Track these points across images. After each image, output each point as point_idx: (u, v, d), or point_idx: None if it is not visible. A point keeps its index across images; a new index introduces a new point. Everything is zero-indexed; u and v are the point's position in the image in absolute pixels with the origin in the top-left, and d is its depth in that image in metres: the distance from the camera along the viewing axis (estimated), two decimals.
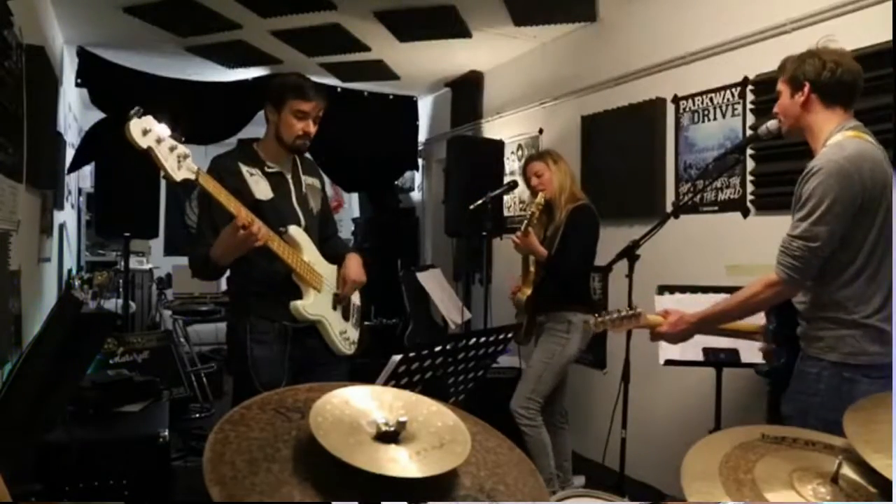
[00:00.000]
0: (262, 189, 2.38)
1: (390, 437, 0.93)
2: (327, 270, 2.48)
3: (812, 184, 1.86)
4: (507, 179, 4.82)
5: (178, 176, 1.97)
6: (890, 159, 1.97)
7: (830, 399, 1.85)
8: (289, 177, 2.49)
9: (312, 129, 2.42)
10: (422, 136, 6.57)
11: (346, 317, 2.54)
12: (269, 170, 2.43)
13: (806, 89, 1.94)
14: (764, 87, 3.05)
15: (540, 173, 3.34)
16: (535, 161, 3.40)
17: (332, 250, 2.60)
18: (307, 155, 2.66)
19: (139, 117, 1.86)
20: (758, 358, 2.61)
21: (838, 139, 1.90)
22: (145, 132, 1.87)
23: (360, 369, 2.46)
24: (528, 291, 3.36)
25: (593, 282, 4.22)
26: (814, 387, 1.90)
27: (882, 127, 2.23)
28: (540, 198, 3.26)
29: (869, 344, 1.86)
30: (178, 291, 6.50)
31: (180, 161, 1.97)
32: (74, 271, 5.76)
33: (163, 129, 1.92)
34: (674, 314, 2.15)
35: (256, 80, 5.48)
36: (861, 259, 1.87)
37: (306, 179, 2.55)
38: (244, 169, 2.38)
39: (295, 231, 2.37)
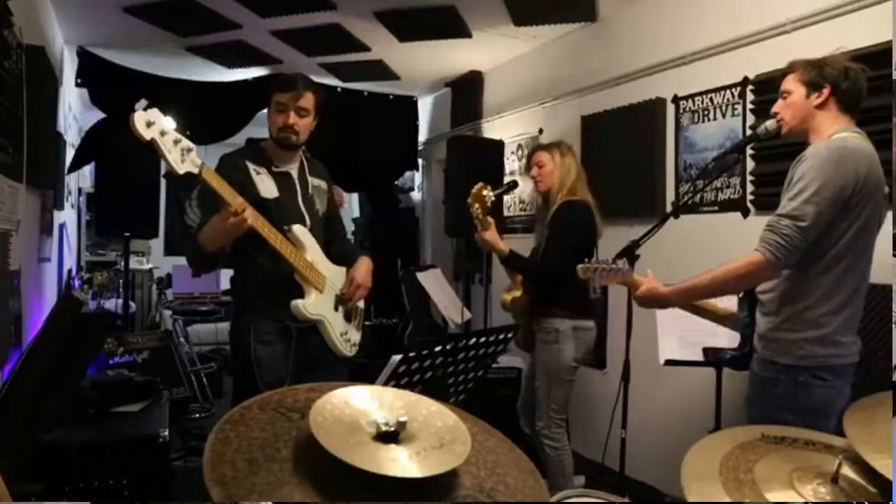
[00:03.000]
0: (267, 187, 2.39)
1: (390, 437, 0.93)
2: (331, 271, 2.47)
3: (805, 166, 1.88)
4: (507, 179, 4.82)
5: (182, 169, 1.97)
6: (890, 159, 1.98)
7: (788, 402, 1.90)
8: (295, 177, 2.50)
9: (294, 120, 2.38)
10: (422, 136, 6.57)
11: (348, 318, 2.54)
12: (276, 169, 2.44)
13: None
14: (764, 87, 3.05)
15: (542, 164, 3.16)
16: (541, 151, 3.21)
17: (341, 253, 2.60)
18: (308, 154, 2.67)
19: (144, 109, 1.87)
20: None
21: (842, 135, 1.93)
22: (149, 124, 1.88)
23: (360, 369, 2.46)
24: (517, 293, 3.21)
25: (586, 261, 4.20)
26: (770, 391, 1.95)
27: (882, 127, 2.23)
28: (477, 188, 2.98)
29: (820, 346, 1.89)
30: (178, 291, 6.50)
31: (184, 154, 1.97)
32: (74, 271, 5.76)
33: (167, 122, 1.93)
34: (650, 281, 2.17)
35: (256, 80, 5.48)
36: (833, 254, 1.89)
37: (313, 181, 2.56)
38: (251, 167, 2.40)
39: (299, 230, 2.37)
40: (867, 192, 1.86)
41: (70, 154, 5.13)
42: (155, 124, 1.89)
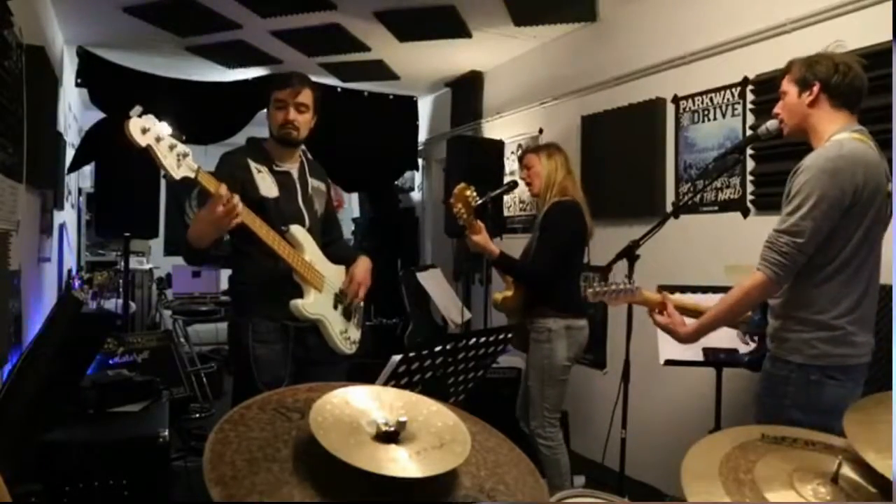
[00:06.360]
0: (267, 186, 2.40)
1: (390, 437, 0.93)
2: (329, 270, 2.48)
3: (802, 179, 1.87)
4: (507, 179, 4.82)
5: (178, 174, 1.97)
6: (890, 160, 1.98)
7: (798, 401, 1.89)
8: (296, 177, 2.51)
9: (294, 116, 2.41)
10: (422, 136, 6.57)
11: (347, 317, 2.55)
12: (277, 168, 2.45)
13: (815, 89, 1.95)
14: (764, 87, 3.05)
15: (530, 165, 3.22)
16: (530, 153, 3.28)
17: (340, 254, 2.61)
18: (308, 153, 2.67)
19: (139, 116, 1.86)
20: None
21: (839, 138, 1.91)
22: (144, 130, 1.87)
23: (360, 369, 2.46)
24: (508, 293, 3.22)
25: (593, 282, 4.21)
26: (782, 389, 1.93)
27: (882, 127, 2.23)
28: (460, 188, 2.95)
29: (833, 346, 1.88)
30: (178, 291, 6.50)
31: (180, 159, 1.97)
32: (74, 271, 5.76)
33: (163, 128, 1.92)
34: (669, 318, 2.15)
35: (256, 80, 5.48)
36: (840, 261, 1.88)
37: (312, 182, 2.57)
38: (252, 165, 2.41)
39: (297, 230, 2.37)
40: (867, 198, 1.85)
41: (70, 154, 5.12)
42: (150, 130, 1.88)
